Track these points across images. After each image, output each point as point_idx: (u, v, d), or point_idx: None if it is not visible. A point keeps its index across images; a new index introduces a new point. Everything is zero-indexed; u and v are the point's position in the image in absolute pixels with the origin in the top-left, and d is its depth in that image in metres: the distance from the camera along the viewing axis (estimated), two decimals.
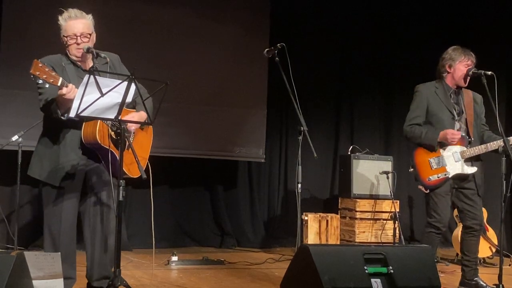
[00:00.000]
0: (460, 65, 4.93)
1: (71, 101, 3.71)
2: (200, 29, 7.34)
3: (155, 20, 7.16)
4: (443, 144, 4.95)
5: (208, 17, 7.39)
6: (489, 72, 4.71)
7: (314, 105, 7.98)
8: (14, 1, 6.59)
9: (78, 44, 3.97)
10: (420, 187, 5.01)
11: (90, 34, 4.02)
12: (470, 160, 4.94)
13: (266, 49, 4.66)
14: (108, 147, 3.90)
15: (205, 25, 7.37)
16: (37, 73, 3.62)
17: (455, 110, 4.97)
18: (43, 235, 4.12)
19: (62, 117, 3.85)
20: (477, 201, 4.99)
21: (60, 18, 4.02)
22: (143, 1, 7.10)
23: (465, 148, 4.92)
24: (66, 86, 3.71)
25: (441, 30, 8.54)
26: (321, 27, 8.19)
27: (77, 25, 3.98)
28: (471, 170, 4.94)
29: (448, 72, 5.00)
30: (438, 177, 4.92)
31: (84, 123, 3.90)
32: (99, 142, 3.87)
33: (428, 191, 4.96)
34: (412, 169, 5.04)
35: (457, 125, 4.97)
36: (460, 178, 4.96)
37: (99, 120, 3.85)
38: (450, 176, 4.92)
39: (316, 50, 8.15)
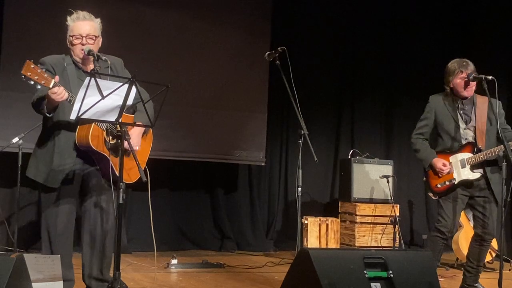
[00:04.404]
0: (456, 79, 4.98)
1: (58, 102, 3.75)
2: (201, 33, 7.35)
3: (157, 23, 7.16)
4: (451, 151, 4.99)
5: (209, 20, 7.40)
6: (490, 77, 4.72)
7: (315, 108, 7.98)
8: (15, 4, 6.60)
9: (83, 44, 3.98)
10: (430, 194, 5.09)
11: (96, 37, 4.03)
12: (482, 167, 4.94)
13: (267, 53, 4.66)
14: (102, 152, 3.91)
15: (206, 29, 7.38)
16: (28, 74, 3.63)
17: (462, 118, 5.00)
18: (41, 237, 4.13)
19: (48, 114, 3.88)
20: (489, 209, 4.95)
21: (68, 18, 4.05)
22: (145, 4, 7.12)
23: (471, 155, 4.94)
24: (58, 87, 3.72)
25: (442, 34, 8.57)
26: (322, 31, 8.20)
27: (84, 26, 4.01)
28: (473, 176, 4.94)
29: (450, 87, 5.06)
30: (445, 184, 4.97)
31: (78, 126, 3.91)
32: (92, 146, 3.87)
33: (437, 197, 5.02)
34: (424, 178, 5.12)
35: (465, 133, 5.00)
36: (468, 185, 4.97)
37: (93, 124, 3.85)
38: (456, 182, 4.94)
39: (317, 53, 8.16)
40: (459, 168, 4.94)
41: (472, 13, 8.48)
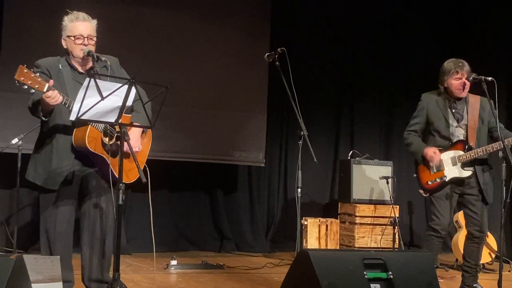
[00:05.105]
0: (451, 80, 5.02)
1: (53, 105, 3.76)
2: (201, 33, 7.34)
3: (157, 23, 7.16)
4: (442, 148, 5.02)
5: (209, 21, 7.39)
6: (490, 78, 4.74)
7: (315, 109, 7.98)
8: (15, 5, 6.60)
9: (85, 45, 3.98)
10: (420, 191, 5.14)
11: (96, 37, 4.04)
12: (472, 165, 4.96)
13: (266, 54, 4.66)
14: (100, 154, 3.91)
15: (206, 30, 7.37)
16: (22, 79, 3.64)
17: (454, 116, 5.04)
18: (40, 238, 4.13)
19: (43, 118, 3.89)
20: (480, 208, 4.99)
21: (65, 18, 4.03)
22: (145, 4, 7.11)
23: (462, 153, 4.96)
24: (53, 91, 3.72)
25: (442, 34, 8.56)
26: (322, 31, 8.20)
27: (85, 27, 4.01)
28: (465, 174, 4.98)
29: (444, 87, 5.09)
30: (435, 181, 5.02)
31: (75, 128, 3.91)
32: (88, 147, 3.87)
33: (427, 194, 5.08)
34: (415, 175, 5.17)
35: (456, 130, 5.04)
36: (459, 182, 5.01)
37: (89, 126, 3.85)
38: (446, 180, 4.99)
39: (317, 53, 8.16)
40: (450, 165, 4.99)
41: (472, 13, 8.47)
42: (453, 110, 5.06)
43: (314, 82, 8.08)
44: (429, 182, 5.04)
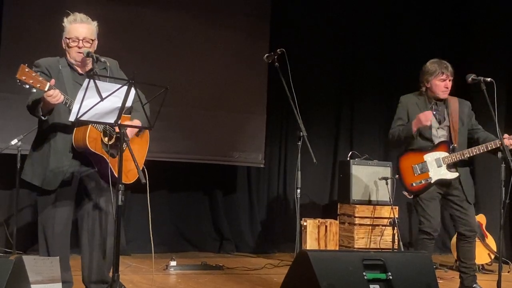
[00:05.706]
0: (435, 80, 5.02)
1: (54, 104, 3.76)
2: (201, 33, 7.35)
3: (157, 24, 7.17)
4: (425, 149, 5.00)
5: (209, 21, 7.39)
6: (489, 79, 4.73)
7: (314, 109, 7.97)
8: (14, 6, 6.60)
9: (79, 48, 3.98)
10: (404, 192, 5.11)
11: (92, 40, 4.03)
12: (455, 166, 4.96)
13: (266, 55, 4.66)
14: (99, 154, 3.91)
15: (206, 30, 7.37)
16: (23, 77, 3.65)
17: (435, 118, 5.03)
18: (38, 239, 4.13)
19: (42, 117, 3.89)
20: (466, 207, 4.99)
21: (65, 19, 4.04)
22: (145, 5, 7.11)
23: (447, 154, 4.96)
24: (54, 90, 3.72)
25: (442, 34, 8.56)
26: (322, 33, 8.19)
27: (81, 29, 4.01)
28: (451, 175, 4.97)
29: (427, 87, 5.08)
30: (420, 183, 4.98)
31: (75, 128, 3.91)
32: (89, 147, 3.87)
33: (411, 196, 5.05)
34: (397, 175, 5.16)
35: (438, 132, 5.03)
36: (444, 184, 5.01)
37: (89, 125, 3.85)
38: (432, 181, 4.96)
39: (317, 53, 8.15)
40: (435, 167, 4.97)
41: (472, 13, 8.47)
42: (434, 112, 5.04)
43: (314, 82, 8.07)
44: (414, 184, 4.99)
